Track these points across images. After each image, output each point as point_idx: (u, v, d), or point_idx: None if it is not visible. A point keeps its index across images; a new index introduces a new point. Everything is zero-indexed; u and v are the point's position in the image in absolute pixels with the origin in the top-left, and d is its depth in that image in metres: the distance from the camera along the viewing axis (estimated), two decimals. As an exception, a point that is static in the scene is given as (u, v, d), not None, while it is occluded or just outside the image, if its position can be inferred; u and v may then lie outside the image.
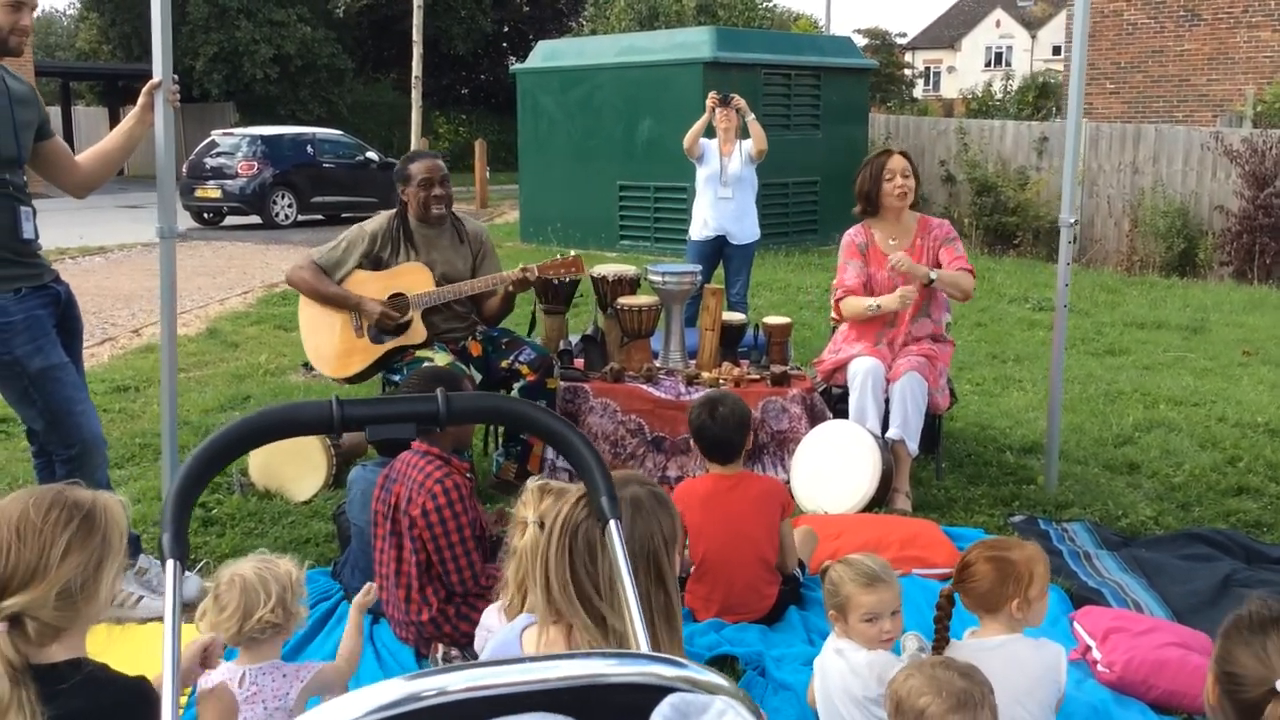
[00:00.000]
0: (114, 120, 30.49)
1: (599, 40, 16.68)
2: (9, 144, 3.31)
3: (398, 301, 4.49)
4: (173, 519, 1.35)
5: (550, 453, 4.74)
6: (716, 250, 7.20)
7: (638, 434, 4.75)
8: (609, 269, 5.12)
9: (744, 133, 7.15)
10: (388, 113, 32.66)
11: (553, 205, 14.38)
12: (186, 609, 3.52)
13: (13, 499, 1.80)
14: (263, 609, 2.39)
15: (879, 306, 4.66)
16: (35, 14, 3.39)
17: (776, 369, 4.88)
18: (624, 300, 4.93)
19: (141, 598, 3.55)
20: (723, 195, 7.07)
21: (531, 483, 2.72)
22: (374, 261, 4.57)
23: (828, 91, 14.06)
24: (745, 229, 7.18)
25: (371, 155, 20.19)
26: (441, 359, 4.45)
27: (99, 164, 3.70)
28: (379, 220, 4.67)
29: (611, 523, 1.48)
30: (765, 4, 31.00)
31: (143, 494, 4.45)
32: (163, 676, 1.31)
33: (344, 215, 19.21)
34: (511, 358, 4.61)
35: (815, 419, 4.80)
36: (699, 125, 7.05)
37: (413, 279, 4.54)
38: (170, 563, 1.30)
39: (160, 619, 3.41)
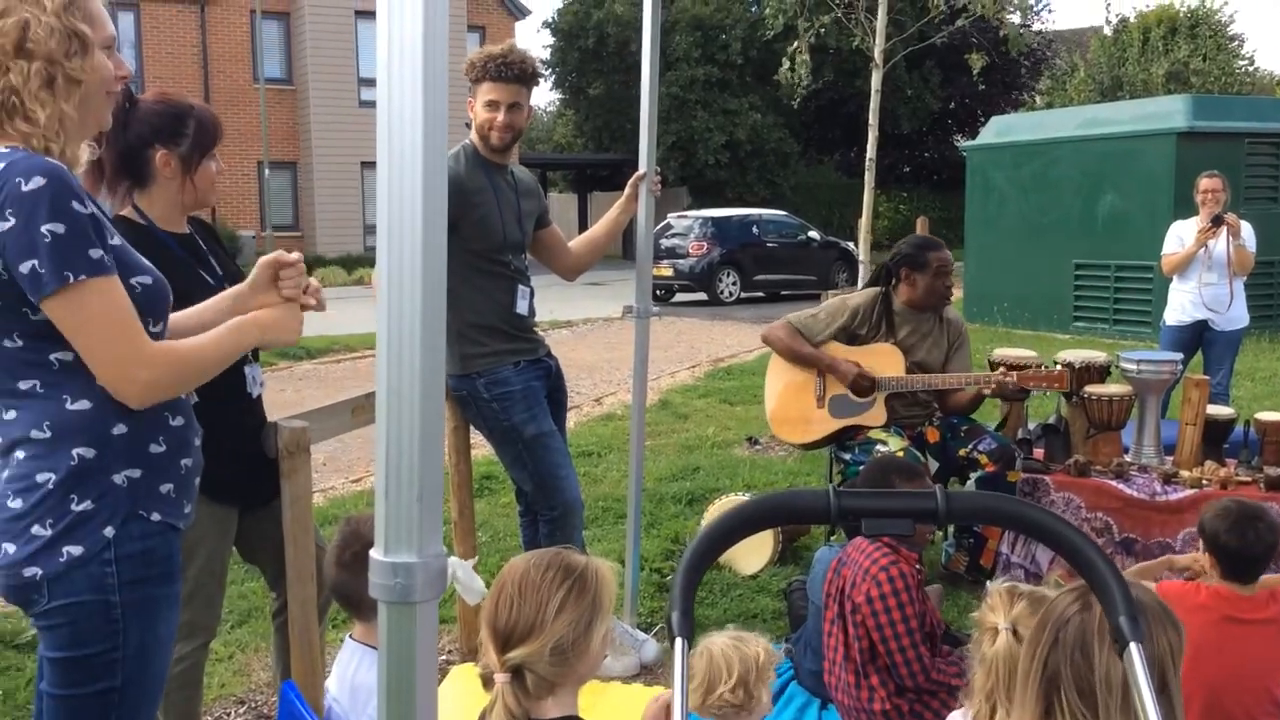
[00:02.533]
0: (582, 205, 33.55)
1: (1057, 113, 15.99)
2: (514, 231, 3.68)
3: (868, 377, 4.48)
4: (680, 598, 1.39)
5: (1005, 547, 4.49)
6: (1196, 336, 6.58)
7: (1104, 534, 4.38)
8: (1076, 355, 4.81)
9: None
10: (829, 193, 33.31)
11: (1001, 283, 13.86)
12: (646, 670, 3.71)
13: (519, 559, 1.95)
14: (723, 686, 2.42)
15: None
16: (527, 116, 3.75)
17: (1272, 471, 4.32)
18: (1092, 389, 4.60)
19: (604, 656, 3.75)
20: (1207, 280, 6.46)
21: (997, 585, 2.57)
22: (849, 337, 4.56)
23: (1325, 161, 12.52)
24: (1232, 314, 6.50)
25: (813, 234, 20.61)
26: (895, 443, 4.36)
27: (588, 250, 4.03)
28: (862, 297, 4.65)
29: (1132, 646, 1.33)
30: (1244, 68, 28.34)
31: (605, 555, 4.73)
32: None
33: (784, 293, 19.74)
34: (970, 446, 4.44)
35: (1323, 533, 4.17)
36: (1186, 254, 6.50)
37: (884, 360, 4.49)
38: (679, 641, 1.34)
39: (618, 679, 3.59)
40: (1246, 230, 6.51)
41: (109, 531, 1.84)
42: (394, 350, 1.14)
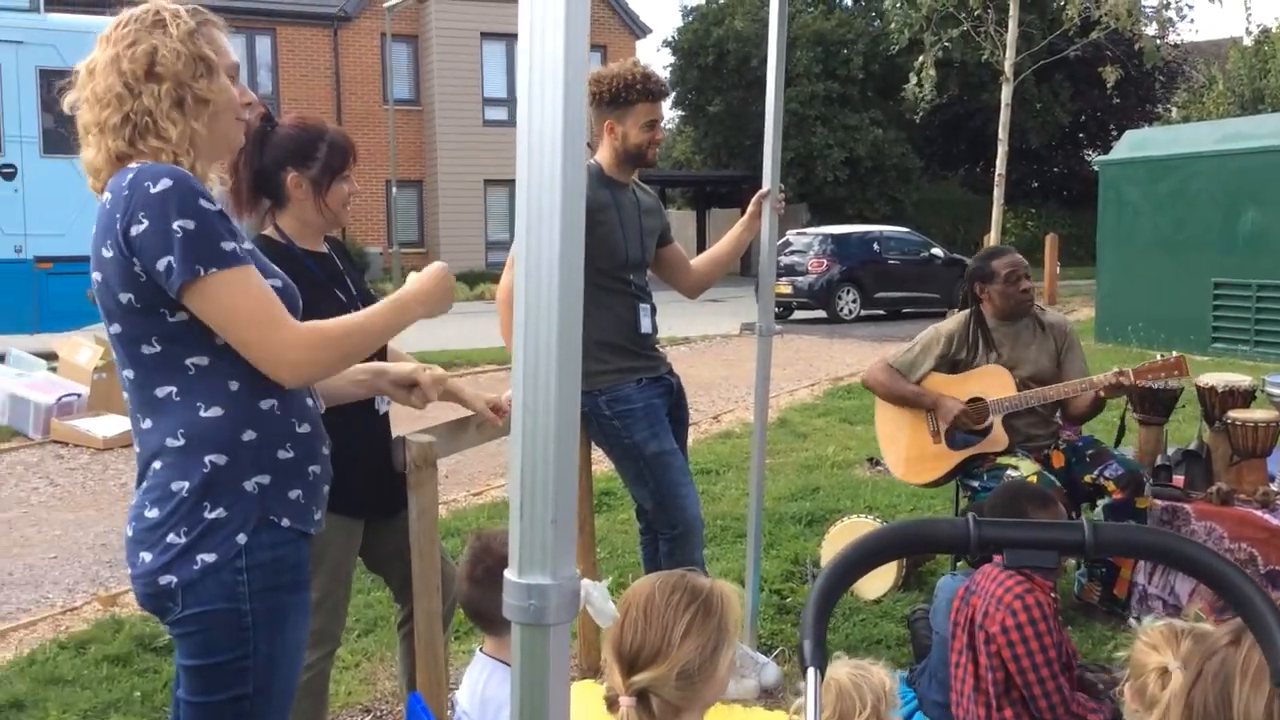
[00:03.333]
0: (701, 221, 33.57)
1: (1195, 127, 15.41)
2: (636, 249, 3.68)
3: (977, 407, 4.35)
4: (813, 627, 1.36)
5: (1142, 578, 4.32)
6: None
7: (1248, 565, 4.17)
8: (1218, 378, 4.60)
9: None
10: (952, 209, 32.67)
11: (1135, 303, 13.38)
12: (766, 694, 3.66)
13: (643, 581, 1.94)
14: (859, 717, 2.37)
15: None
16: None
17: None
18: (1236, 414, 4.38)
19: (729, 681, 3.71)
20: None
21: (1154, 623, 2.45)
22: (950, 364, 4.46)
23: None
24: None
25: (936, 251, 20.24)
26: (1027, 468, 4.23)
27: (711, 267, 4.01)
28: (954, 322, 4.54)
29: (1296, 692, 1.26)
30: (1400, 76, 26.85)
31: (724, 575, 4.69)
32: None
33: (905, 310, 19.41)
34: (1096, 472, 4.28)
35: None
36: None
37: (992, 382, 4.36)
38: (811, 671, 1.31)
39: (739, 703, 3.54)
40: None
41: (241, 538, 1.88)
42: (529, 371, 1.14)
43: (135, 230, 1.81)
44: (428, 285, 2.14)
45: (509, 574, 1.14)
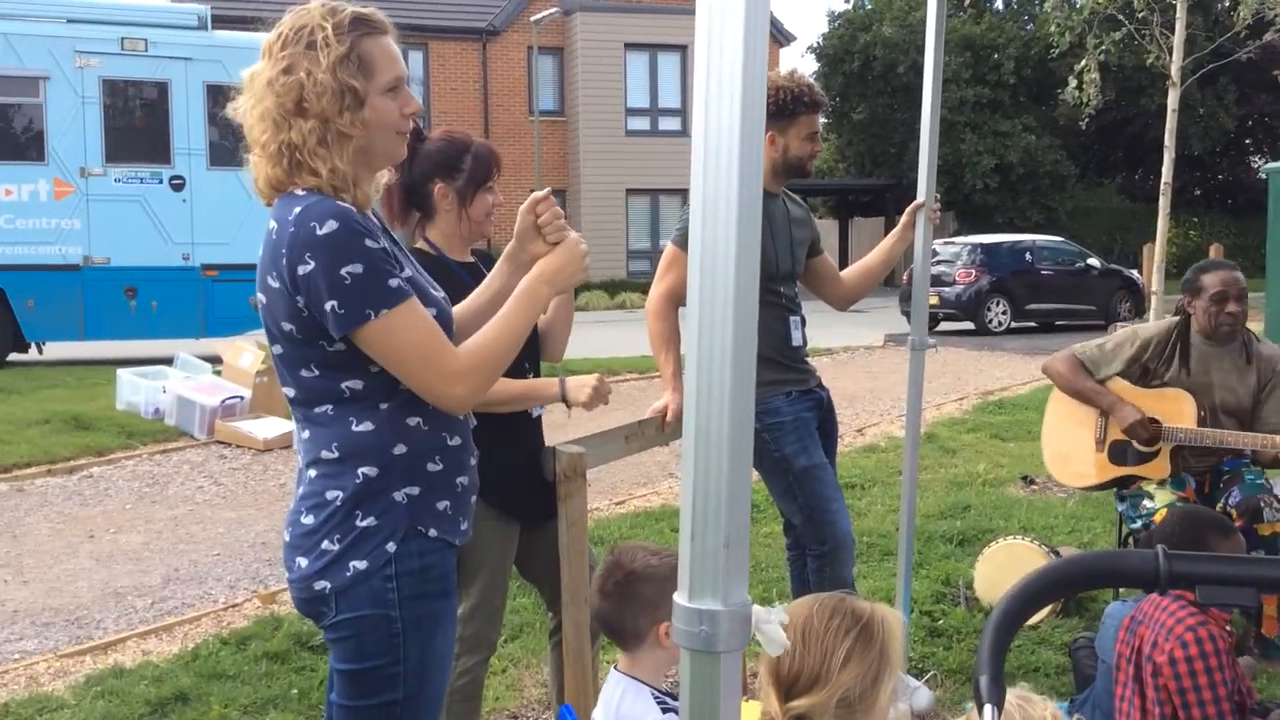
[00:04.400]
0: (843, 230, 33.15)
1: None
2: (787, 260, 3.63)
3: (1151, 428, 4.14)
4: (990, 661, 1.29)
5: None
6: None
7: None
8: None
9: None
10: (1109, 217, 31.48)
11: (1308, 319, 12.63)
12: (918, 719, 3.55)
13: (801, 603, 1.89)
14: None
15: None
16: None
17: None
18: None
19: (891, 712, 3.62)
20: None
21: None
22: (1141, 370, 4.24)
23: None
24: None
25: (1092, 262, 19.51)
26: (1162, 498, 4.02)
27: (862, 279, 3.93)
28: (1157, 327, 4.33)
29: None
30: None
31: (872, 593, 4.58)
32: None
33: (1059, 323, 18.75)
34: (1223, 499, 4.03)
35: None
36: None
37: (1174, 408, 4.11)
38: (988, 708, 1.24)
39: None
40: None
41: (390, 547, 1.92)
42: (703, 391, 1.11)
43: (302, 270, 1.85)
44: (554, 264, 2.10)
45: (678, 598, 1.11)
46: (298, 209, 1.87)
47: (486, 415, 2.31)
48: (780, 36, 29.86)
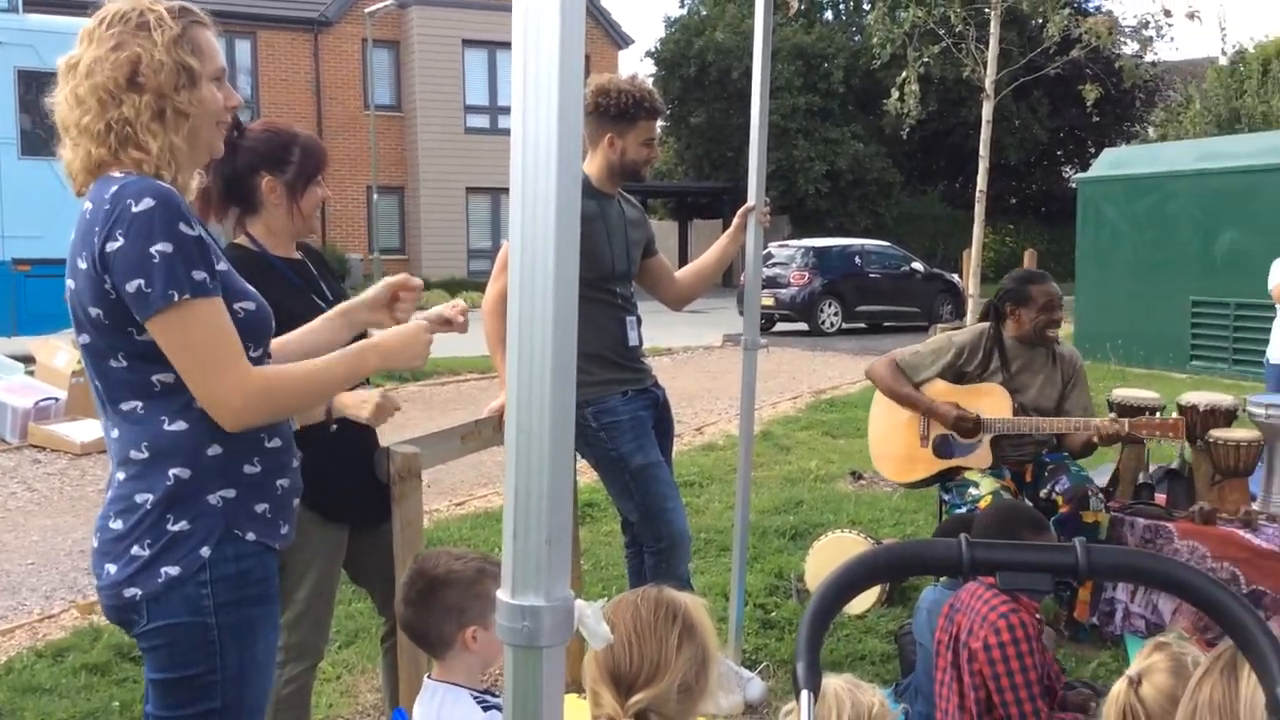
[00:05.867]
0: (682, 232, 33.57)
1: (1174, 146, 15.56)
2: (622, 260, 3.67)
3: (971, 420, 4.36)
4: (806, 649, 1.34)
5: (1124, 595, 4.32)
6: None
7: (1230, 585, 4.16)
8: (1200, 397, 4.62)
9: None
10: (932, 224, 32.80)
11: (1113, 320, 13.47)
12: (751, 710, 3.64)
13: (619, 603, 1.92)
14: None
15: None
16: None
17: None
18: (1219, 433, 4.41)
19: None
20: None
21: (1137, 640, 2.45)
22: (956, 375, 4.46)
23: None
24: None
25: (916, 266, 20.32)
26: (986, 486, 4.26)
27: (696, 279, 4.00)
28: (968, 334, 4.57)
29: (1293, 718, 1.24)
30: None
31: (708, 588, 4.67)
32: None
33: (886, 324, 19.47)
34: (1049, 487, 4.30)
35: None
36: None
37: (990, 402, 4.36)
38: (805, 694, 1.29)
39: (723, 719, 3.53)
40: None
41: (205, 552, 1.86)
42: (524, 390, 1.12)
43: (111, 247, 1.78)
44: (397, 342, 2.09)
45: (501, 595, 1.12)
46: (115, 187, 1.81)
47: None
48: (618, 39, 30.06)
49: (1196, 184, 12.68)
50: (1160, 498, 4.57)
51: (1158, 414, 4.38)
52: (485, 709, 2.11)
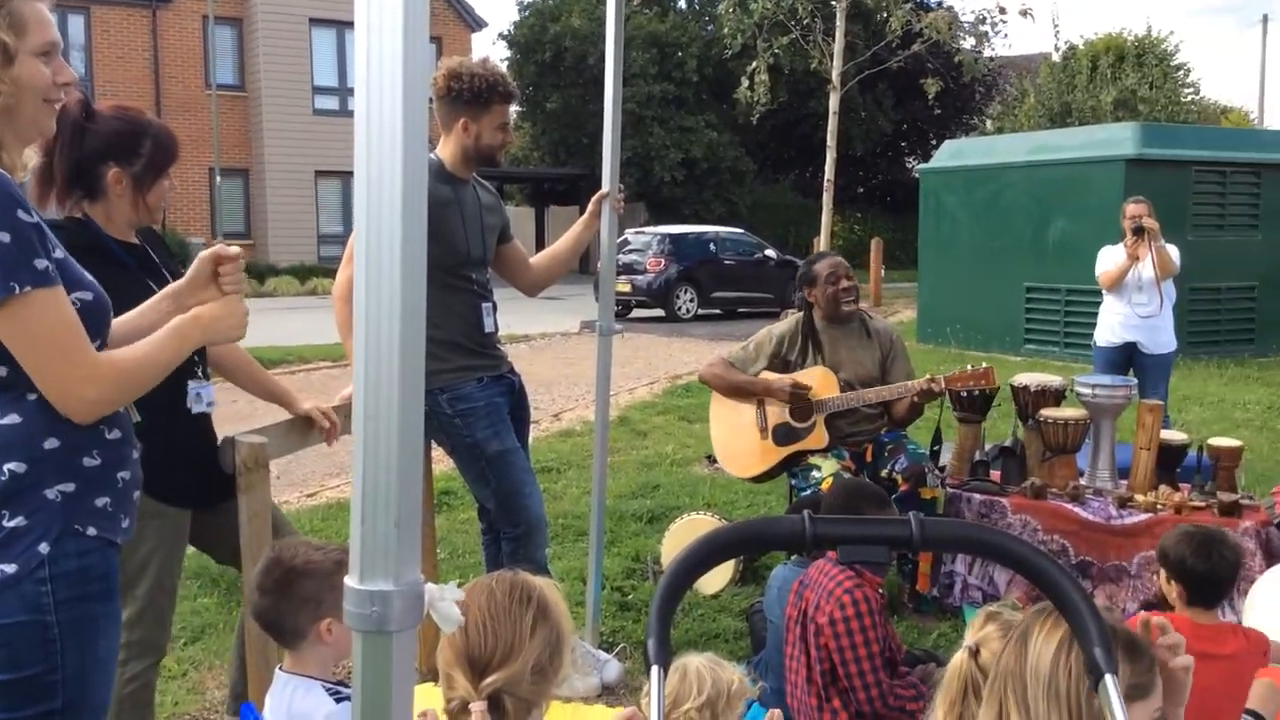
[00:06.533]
0: (539, 218, 33.47)
1: (1009, 139, 16.24)
2: (478, 246, 3.65)
3: (802, 403, 4.50)
4: (657, 625, 1.37)
5: (962, 567, 4.52)
6: (1126, 359, 6.67)
7: (1060, 557, 4.42)
8: (1031, 378, 4.86)
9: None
10: (784, 212, 33.50)
11: (953, 306, 14.03)
12: (608, 691, 3.68)
13: (473, 587, 1.92)
14: (690, 703, 2.39)
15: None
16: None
17: (1225, 497, 4.39)
18: (1048, 412, 4.64)
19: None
20: (1137, 300, 6.57)
21: (973, 611, 2.57)
22: (782, 364, 4.63)
23: (1269, 190, 12.81)
24: (1161, 339, 6.61)
25: (770, 253, 20.72)
26: (828, 467, 4.41)
27: (551, 265, 4.01)
28: (786, 324, 4.75)
29: (1107, 678, 1.33)
30: (1190, 97, 28.96)
31: (566, 573, 4.69)
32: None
33: (740, 310, 19.81)
34: (890, 466, 4.49)
35: (1273, 557, 4.24)
36: (1120, 269, 6.58)
37: (817, 383, 4.54)
38: (655, 669, 1.32)
39: (581, 700, 3.55)
40: (1172, 249, 6.61)
41: (44, 548, 1.80)
42: (371, 374, 1.11)
43: None
44: (214, 312, 2.08)
45: (349, 580, 1.11)
46: None
47: (147, 409, 2.18)
48: (471, 22, 29.71)
49: (1029, 175, 13.27)
50: (995, 474, 4.79)
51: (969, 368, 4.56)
52: (338, 699, 2.08)
